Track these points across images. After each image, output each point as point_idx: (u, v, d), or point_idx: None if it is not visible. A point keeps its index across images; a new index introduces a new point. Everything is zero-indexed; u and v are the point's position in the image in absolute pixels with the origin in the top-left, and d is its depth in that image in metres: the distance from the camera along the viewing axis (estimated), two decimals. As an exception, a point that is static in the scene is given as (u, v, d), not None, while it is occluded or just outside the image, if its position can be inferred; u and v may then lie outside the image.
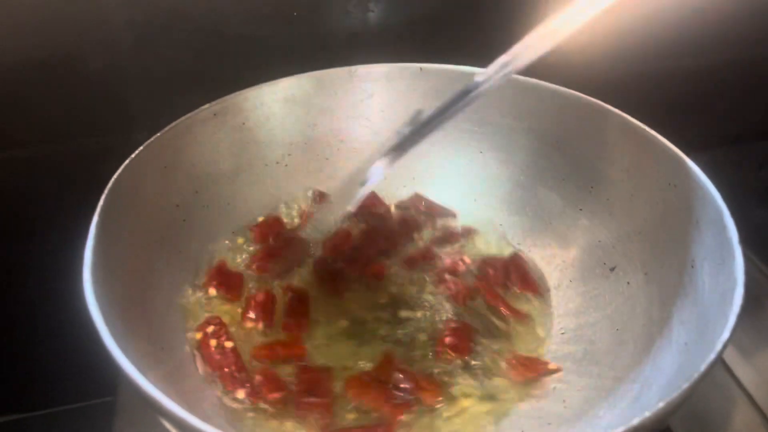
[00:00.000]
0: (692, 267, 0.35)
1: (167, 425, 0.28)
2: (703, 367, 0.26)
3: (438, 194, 0.48)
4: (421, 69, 0.46)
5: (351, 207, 0.41)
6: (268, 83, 0.44)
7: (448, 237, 0.46)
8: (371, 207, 0.46)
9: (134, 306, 0.34)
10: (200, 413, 0.26)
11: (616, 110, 0.41)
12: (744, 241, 0.51)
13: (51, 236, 0.47)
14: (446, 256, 0.44)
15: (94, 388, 0.45)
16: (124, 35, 0.46)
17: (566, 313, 0.41)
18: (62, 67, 0.47)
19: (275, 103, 0.45)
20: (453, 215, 0.47)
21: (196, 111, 0.42)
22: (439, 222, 0.47)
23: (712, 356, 0.26)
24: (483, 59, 0.45)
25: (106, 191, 0.35)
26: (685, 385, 0.25)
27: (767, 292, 0.48)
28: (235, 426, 0.34)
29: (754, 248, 0.51)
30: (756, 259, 0.50)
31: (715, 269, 0.32)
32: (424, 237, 0.46)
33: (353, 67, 0.46)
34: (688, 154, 0.38)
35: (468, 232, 0.46)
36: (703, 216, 0.35)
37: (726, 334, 0.27)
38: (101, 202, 0.34)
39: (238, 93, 0.44)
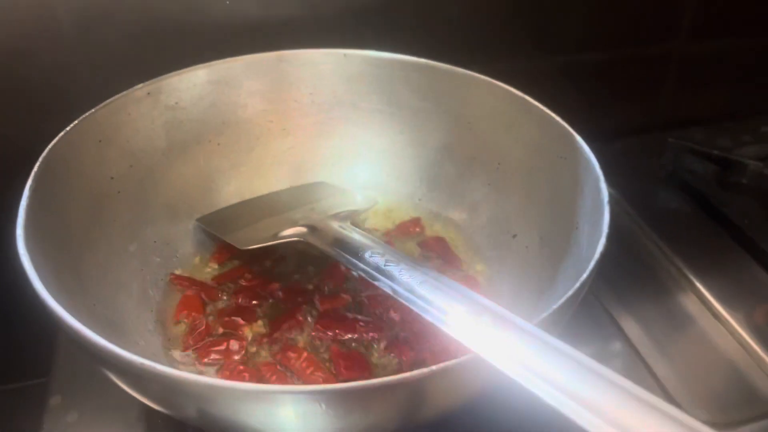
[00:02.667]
0: (576, 228, 0.39)
1: (108, 372, 0.31)
2: (561, 301, 0.30)
3: (362, 173, 0.52)
4: (345, 55, 0.49)
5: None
6: (200, 65, 0.47)
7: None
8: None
9: (68, 269, 0.37)
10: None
11: (520, 93, 0.45)
12: (650, 225, 0.56)
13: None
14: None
15: (28, 369, 0.47)
16: (64, 23, 0.49)
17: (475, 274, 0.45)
18: (4, 48, 0.49)
19: (208, 85, 0.48)
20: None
21: (131, 89, 0.44)
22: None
23: (576, 286, 0.30)
24: (402, 47, 0.49)
25: (40, 160, 0.37)
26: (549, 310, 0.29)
27: (669, 273, 0.52)
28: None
29: (659, 232, 0.56)
30: (661, 242, 0.55)
31: (591, 228, 0.37)
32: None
33: (282, 52, 0.49)
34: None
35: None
36: (586, 183, 0.39)
37: (585, 275, 0.31)
38: (36, 168, 0.37)
39: (171, 74, 0.46)
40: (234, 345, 0.39)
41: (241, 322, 0.41)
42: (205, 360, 0.39)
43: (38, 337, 0.45)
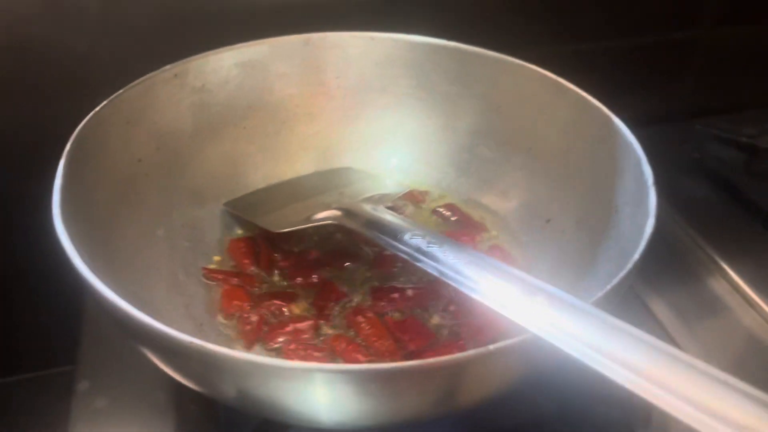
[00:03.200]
0: (616, 212, 0.39)
1: (147, 350, 0.30)
2: (615, 281, 0.29)
3: (390, 158, 0.51)
4: (372, 38, 0.49)
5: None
6: (226, 48, 0.46)
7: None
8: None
9: (100, 250, 0.36)
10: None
11: (553, 76, 0.45)
12: (679, 211, 0.56)
13: (16, 201, 0.49)
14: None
15: (55, 357, 0.47)
16: (89, 5, 0.48)
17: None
18: (27, 38, 0.48)
19: (234, 68, 0.47)
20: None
21: (158, 71, 0.43)
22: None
23: (623, 272, 0.30)
24: (430, 30, 0.49)
25: (71, 140, 0.37)
26: (599, 293, 0.28)
27: (699, 259, 0.52)
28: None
29: (687, 218, 0.56)
30: (690, 229, 0.55)
31: (633, 210, 0.36)
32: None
33: (308, 35, 0.48)
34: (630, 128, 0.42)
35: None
36: (626, 165, 0.39)
37: (637, 255, 0.31)
38: (67, 148, 0.36)
39: (198, 56, 0.45)
40: (299, 326, 0.38)
41: (283, 304, 0.40)
42: (274, 345, 0.38)
43: (64, 325, 0.45)
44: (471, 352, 0.25)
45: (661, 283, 0.50)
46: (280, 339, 0.38)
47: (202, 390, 0.31)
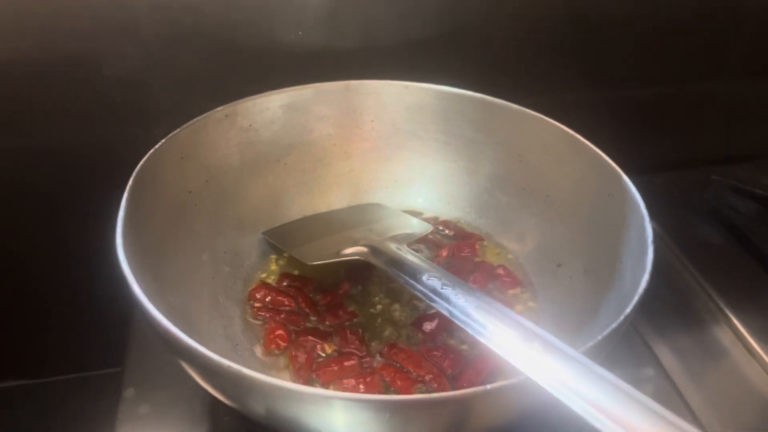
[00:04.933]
0: (620, 263, 0.42)
1: (186, 366, 0.34)
2: (605, 332, 0.33)
3: (416, 197, 0.55)
4: (406, 86, 0.53)
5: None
6: (273, 92, 0.51)
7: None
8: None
9: (150, 274, 0.40)
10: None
11: (570, 131, 0.48)
12: (689, 257, 0.58)
13: (78, 216, 0.54)
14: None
15: (103, 359, 0.51)
16: (150, 43, 0.53)
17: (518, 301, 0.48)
18: (90, 68, 0.53)
19: (279, 109, 0.51)
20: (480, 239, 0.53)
21: (211, 112, 0.48)
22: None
23: (614, 325, 0.33)
24: (458, 77, 0.53)
25: (134, 174, 0.41)
26: (590, 343, 0.32)
27: (705, 305, 0.54)
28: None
29: (698, 265, 0.58)
30: (700, 276, 0.57)
31: (634, 264, 0.39)
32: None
33: (348, 82, 0.53)
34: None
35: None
36: (631, 221, 0.42)
37: (628, 310, 0.34)
38: (130, 182, 0.41)
39: (247, 99, 0.50)
40: (348, 363, 0.42)
41: (318, 341, 0.43)
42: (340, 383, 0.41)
43: (112, 330, 0.49)
44: (469, 391, 0.29)
45: (666, 327, 0.52)
46: (329, 375, 0.41)
47: (235, 406, 0.35)
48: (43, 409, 0.51)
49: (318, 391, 0.31)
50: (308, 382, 0.41)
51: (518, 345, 0.32)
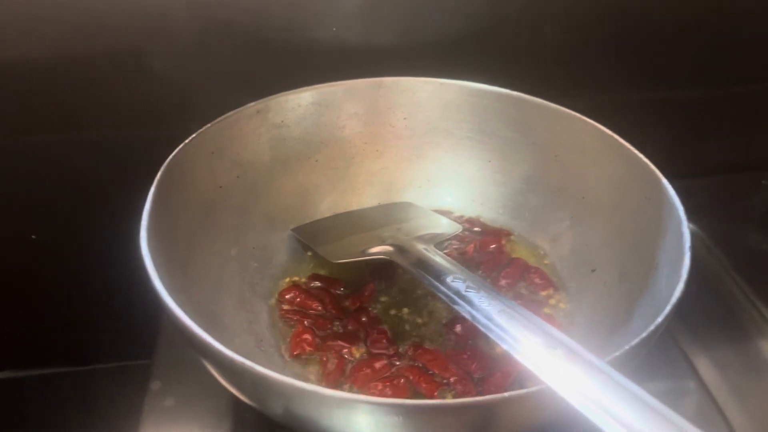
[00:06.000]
0: (656, 269, 0.40)
1: (204, 361, 0.34)
2: (634, 342, 0.31)
3: (447, 197, 0.54)
4: (441, 84, 0.52)
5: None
6: (306, 88, 0.51)
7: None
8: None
9: (177, 268, 0.41)
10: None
11: (608, 131, 0.47)
12: (734, 266, 0.56)
13: (112, 209, 0.54)
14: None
15: (133, 350, 0.52)
16: (186, 39, 0.54)
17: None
18: (128, 63, 0.54)
19: (311, 106, 0.51)
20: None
21: (243, 107, 0.48)
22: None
23: (644, 334, 0.31)
24: (495, 75, 0.51)
25: (162, 168, 0.42)
26: (616, 353, 0.30)
27: (750, 317, 0.52)
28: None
29: (743, 274, 0.55)
30: (745, 285, 0.54)
31: (670, 271, 0.37)
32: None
33: (381, 79, 0.52)
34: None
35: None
36: (669, 226, 0.40)
37: (660, 319, 0.32)
38: (158, 176, 0.41)
39: (279, 95, 0.50)
40: (378, 364, 0.41)
41: (346, 345, 0.43)
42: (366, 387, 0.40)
43: (143, 322, 0.50)
44: (487, 398, 0.28)
45: (708, 338, 0.50)
46: (362, 379, 0.41)
47: (254, 404, 0.35)
48: (71, 397, 0.52)
49: (336, 393, 0.30)
50: (339, 386, 0.41)
51: (541, 352, 0.31)
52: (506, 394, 0.28)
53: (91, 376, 0.54)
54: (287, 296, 0.46)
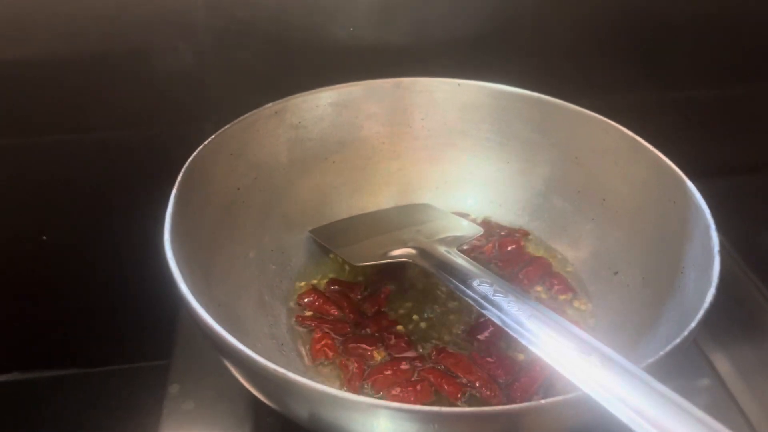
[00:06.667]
0: (682, 273, 0.40)
1: (230, 366, 0.34)
2: (668, 348, 0.31)
3: (466, 198, 0.54)
4: (459, 84, 0.52)
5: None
6: (324, 88, 0.50)
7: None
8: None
9: (199, 271, 0.40)
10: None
11: (630, 133, 0.46)
12: (753, 268, 0.55)
13: (128, 209, 0.54)
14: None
15: (151, 351, 0.51)
16: (203, 39, 0.53)
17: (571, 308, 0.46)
18: (145, 62, 0.54)
19: (329, 107, 0.51)
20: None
21: (261, 108, 0.48)
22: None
23: (678, 340, 0.31)
24: (514, 76, 0.51)
25: (183, 170, 0.41)
26: (651, 359, 0.30)
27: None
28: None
29: (763, 276, 0.55)
30: (763, 286, 0.54)
31: (698, 275, 0.37)
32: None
33: (399, 79, 0.52)
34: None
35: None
36: (695, 229, 0.40)
37: (694, 324, 0.32)
38: (179, 178, 0.41)
39: (297, 95, 0.49)
40: (402, 366, 0.41)
41: (368, 348, 0.42)
42: (387, 391, 0.40)
43: (159, 323, 0.50)
44: (523, 405, 0.28)
45: (727, 339, 0.50)
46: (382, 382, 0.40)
47: (278, 409, 0.34)
48: (88, 399, 0.51)
49: (362, 399, 0.29)
50: (360, 389, 0.40)
51: (574, 358, 0.30)
52: (543, 401, 0.28)
53: (106, 378, 0.53)
54: (306, 300, 0.46)
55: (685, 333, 0.32)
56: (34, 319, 0.54)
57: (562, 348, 0.31)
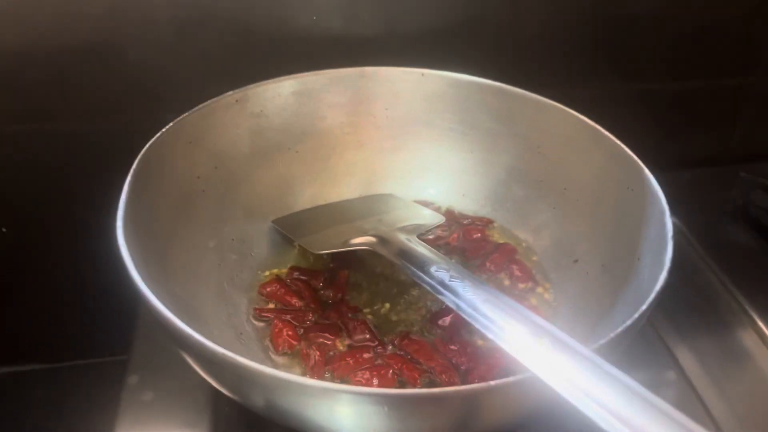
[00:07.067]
0: (638, 260, 0.40)
1: (184, 354, 0.34)
2: (619, 329, 0.31)
3: (430, 188, 0.54)
4: (422, 74, 0.51)
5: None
6: (286, 77, 0.50)
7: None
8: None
9: (154, 259, 0.40)
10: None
11: (590, 122, 0.46)
12: (714, 258, 0.56)
13: (89, 201, 0.53)
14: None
15: (110, 346, 0.51)
16: (165, 28, 0.52)
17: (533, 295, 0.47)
18: (107, 52, 0.53)
19: (291, 96, 0.50)
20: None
21: (221, 96, 0.47)
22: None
23: (628, 322, 0.31)
24: (478, 66, 0.51)
25: (138, 157, 0.41)
26: (601, 341, 0.30)
27: (729, 307, 0.52)
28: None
29: (722, 265, 0.56)
30: (724, 276, 0.55)
31: (653, 260, 0.37)
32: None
33: (363, 68, 0.51)
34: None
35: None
36: (651, 216, 0.40)
37: (644, 307, 0.32)
38: (134, 166, 0.40)
39: (258, 84, 0.49)
40: (365, 354, 0.41)
41: (331, 337, 0.42)
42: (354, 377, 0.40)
43: (118, 317, 0.49)
44: (473, 386, 0.28)
45: (688, 328, 0.51)
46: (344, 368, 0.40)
47: (235, 397, 0.34)
48: (48, 395, 0.51)
49: (321, 384, 0.29)
50: (322, 377, 0.40)
51: (527, 341, 0.30)
52: (492, 383, 0.28)
53: (65, 373, 0.53)
54: (268, 289, 0.45)
55: (636, 315, 0.32)
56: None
57: (515, 332, 0.31)
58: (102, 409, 0.45)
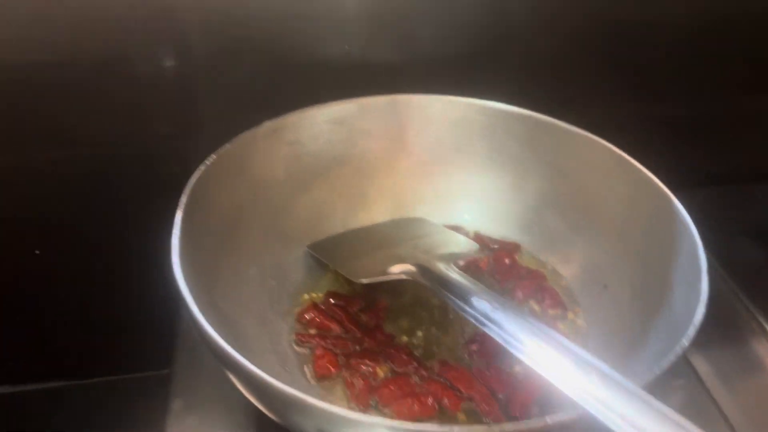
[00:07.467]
0: (670, 290, 0.41)
1: (240, 384, 0.35)
2: (664, 365, 0.32)
3: (458, 212, 0.55)
4: (451, 101, 0.53)
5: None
6: (319, 105, 0.51)
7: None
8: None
9: (203, 289, 0.40)
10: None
11: (618, 150, 0.48)
12: (730, 274, 0.58)
13: (125, 223, 0.54)
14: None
15: (152, 361, 0.52)
16: (201, 56, 0.54)
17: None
18: (145, 80, 0.54)
19: (324, 124, 0.52)
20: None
21: (259, 126, 0.49)
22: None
23: (672, 357, 0.33)
24: (504, 91, 0.52)
25: (187, 190, 0.42)
26: (649, 377, 0.32)
27: (745, 321, 0.54)
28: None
29: (739, 282, 0.57)
30: (741, 294, 0.56)
31: (686, 292, 0.39)
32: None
33: (393, 96, 0.53)
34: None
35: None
36: (682, 247, 0.41)
37: (686, 342, 0.34)
38: (184, 200, 0.41)
39: (293, 112, 0.50)
40: (407, 381, 0.42)
41: (371, 364, 0.43)
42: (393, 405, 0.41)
43: (160, 333, 0.50)
44: (528, 423, 0.29)
45: (706, 342, 0.52)
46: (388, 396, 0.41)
47: (284, 424, 0.35)
48: (87, 410, 0.51)
49: (376, 419, 0.31)
50: (368, 405, 0.41)
51: (576, 376, 0.32)
52: (548, 420, 0.29)
53: (105, 389, 0.54)
54: (306, 317, 0.47)
55: (678, 350, 0.33)
56: (31, 333, 0.54)
57: (561, 366, 0.33)
58: (143, 424, 0.46)
